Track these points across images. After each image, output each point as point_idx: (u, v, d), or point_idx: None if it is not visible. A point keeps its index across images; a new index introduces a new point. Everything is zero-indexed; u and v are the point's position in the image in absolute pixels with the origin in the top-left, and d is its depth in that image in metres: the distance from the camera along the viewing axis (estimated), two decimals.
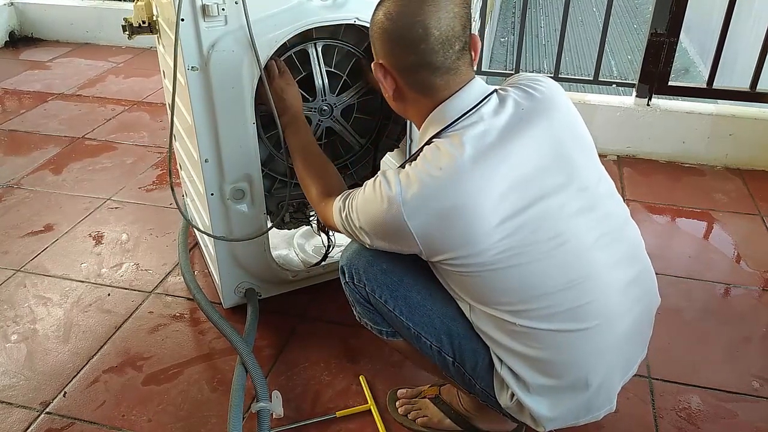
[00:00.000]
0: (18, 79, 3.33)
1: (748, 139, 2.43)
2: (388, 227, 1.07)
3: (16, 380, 1.53)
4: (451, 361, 1.18)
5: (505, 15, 7.49)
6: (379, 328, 1.26)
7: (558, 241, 1.04)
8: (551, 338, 1.07)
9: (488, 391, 1.17)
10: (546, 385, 1.10)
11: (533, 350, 1.08)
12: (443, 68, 1.06)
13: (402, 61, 1.07)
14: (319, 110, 1.55)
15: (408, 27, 1.04)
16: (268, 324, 1.68)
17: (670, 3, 2.27)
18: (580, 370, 1.09)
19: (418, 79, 1.08)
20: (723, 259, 1.98)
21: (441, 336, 1.16)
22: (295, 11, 1.40)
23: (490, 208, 1.02)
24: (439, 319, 1.16)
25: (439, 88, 1.08)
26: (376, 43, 1.11)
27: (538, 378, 1.10)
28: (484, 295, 1.09)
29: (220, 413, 1.43)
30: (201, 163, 1.46)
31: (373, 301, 1.20)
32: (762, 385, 1.51)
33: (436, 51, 1.04)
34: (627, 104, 2.49)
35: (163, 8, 1.49)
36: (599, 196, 1.11)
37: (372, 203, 1.09)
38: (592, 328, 1.07)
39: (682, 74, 5.83)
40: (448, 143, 1.05)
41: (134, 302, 1.78)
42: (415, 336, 1.18)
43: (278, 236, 1.92)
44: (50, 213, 2.19)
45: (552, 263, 1.04)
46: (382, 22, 1.08)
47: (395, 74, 1.10)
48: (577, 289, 1.05)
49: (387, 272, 1.18)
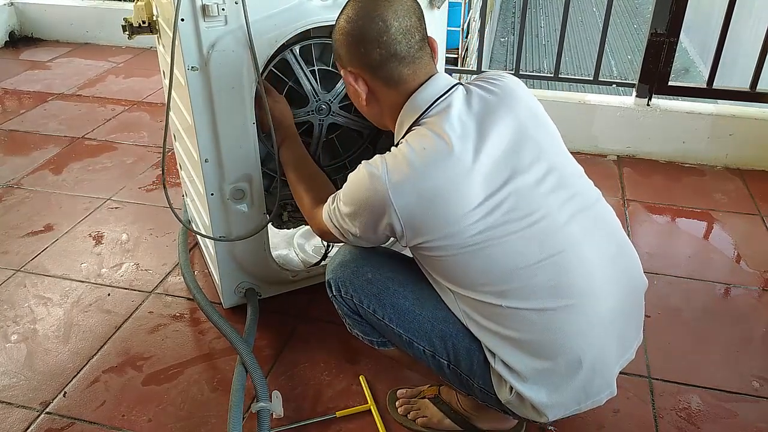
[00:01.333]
0: (18, 79, 3.33)
1: (748, 139, 2.43)
2: (372, 205, 1.08)
3: (16, 380, 1.53)
4: (446, 364, 1.18)
5: (505, 15, 7.49)
6: (370, 338, 1.27)
7: (533, 218, 1.07)
8: (536, 318, 1.07)
9: (486, 388, 1.16)
10: (540, 369, 1.10)
11: (521, 333, 1.09)
12: (408, 57, 1.12)
13: (369, 59, 1.12)
14: (317, 110, 1.55)
15: (368, 22, 1.11)
16: (268, 324, 1.68)
17: (670, 3, 2.27)
18: (571, 349, 1.09)
19: (386, 73, 1.13)
20: (723, 259, 1.98)
21: (433, 339, 1.17)
22: (295, 11, 1.40)
23: (471, 189, 1.06)
24: (429, 323, 1.17)
25: (407, 79, 1.14)
26: (341, 50, 1.16)
27: (530, 362, 1.09)
28: (465, 277, 1.10)
29: (220, 413, 1.43)
30: (201, 163, 1.46)
31: (362, 312, 1.21)
32: (762, 385, 1.51)
33: (398, 41, 1.11)
34: (627, 104, 2.49)
35: (163, 8, 1.49)
36: (569, 175, 1.15)
37: (356, 184, 1.12)
38: (575, 305, 1.08)
39: (682, 74, 5.83)
40: (428, 129, 1.10)
41: (134, 302, 1.78)
42: (408, 342, 1.19)
43: (278, 236, 1.92)
44: (50, 213, 2.19)
45: (527, 240, 1.07)
46: (344, 26, 1.15)
47: (365, 75, 1.15)
48: (555, 264, 1.07)
49: (372, 282, 1.19)
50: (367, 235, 1.14)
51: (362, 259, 1.22)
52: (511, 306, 1.08)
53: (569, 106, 2.51)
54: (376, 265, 1.21)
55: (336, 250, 1.27)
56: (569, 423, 1.40)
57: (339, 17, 1.17)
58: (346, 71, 1.17)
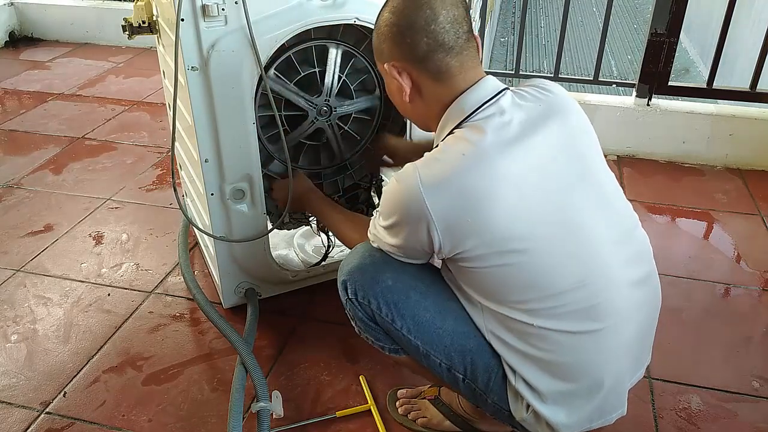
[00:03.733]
0: (18, 79, 3.33)
1: (748, 139, 2.43)
2: (407, 212, 1.05)
3: (16, 380, 1.53)
4: (462, 378, 1.15)
5: (505, 15, 7.49)
6: (381, 344, 1.22)
7: (576, 237, 1.05)
8: (565, 340, 1.06)
9: (501, 405, 1.14)
10: (562, 390, 1.08)
11: (548, 354, 1.07)
12: (456, 48, 1.07)
13: (416, 49, 1.08)
14: (319, 110, 1.55)
15: (416, 11, 1.07)
16: (268, 324, 1.68)
17: (670, 3, 2.27)
18: (595, 372, 1.08)
19: (434, 64, 1.08)
20: (723, 259, 1.98)
21: (452, 354, 1.13)
22: (295, 11, 1.40)
23: (511, 195, 1.01)
24: (449, 337, 1.13)
25: (454, 72, 1.08)
26: (385, 44, 1.12)
27: (553, 384, 1.08)
28: (499, 292, 1.06)
29: (220, 413, 1.43)
30: (201, 163, 1.46)
31: (379, 319, 1.16)
32: (762, 385, 1.52)
33: (447, 30, 1.06)
34: (627, 104, 2.49)
35: (163, 8, 1.49)
36: (612, 196, 1.12)
37: (391, 194, 1.08)
38: (603, 329, 1.06)
39: (682, 74, 5.83)
40: (468, 132, 1.06)
41: (134, 302, 1.78)
42: (424, 354, 1.15)
43: (278, 236, 1.92)
44: (50, 213, 2.19)
45: (569, 259, 1.04)
46: (388, 17, 1.10)
47: (410, 67, 1.10)
48: (590, 287, 1.05)
49: (393, 290, 1.13)
50: (411, 247, 1.09)
51: (383, 264, 1.15)
52: (542, 326, 1.05)
53: None
54: (396, 272, 1.15)
55: (351, 251, 1.22)
56: None
57: (382, 11, 1.12)
58: (389, 65, 1.11)
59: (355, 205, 1.79)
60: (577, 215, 1.06)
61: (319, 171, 1.67)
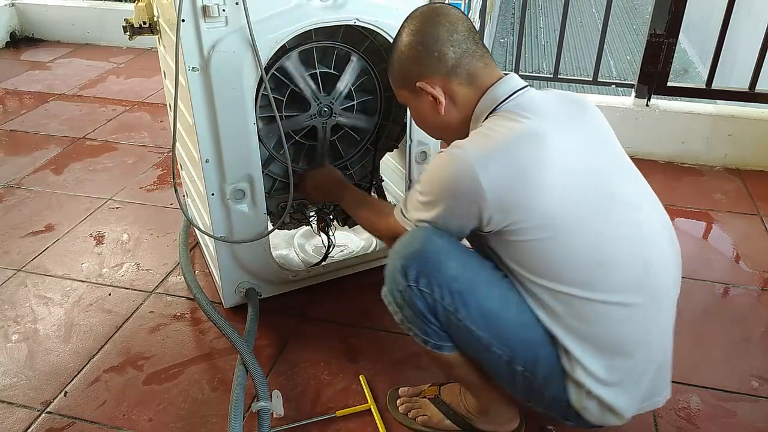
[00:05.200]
0: (19, 80, 3.34)
1: (748, 140, 2.44)
2: (456, 188, 1.06)
3: (17, 380, 1.54)
4: (521, 371, 1.13)
5: (504, 15, 7.49)
6: (426, 338, 1.17)
7: (629, 208, 1.10)
8: (620, 312, 1.08)
9: (560, 397, 1.13)
10: (620, 367, 1.10)
11: (604, 328, 1.08)
12: (479, 51, 1.16)
13: (445, 59, 1.14)
14: (320, 113, 1.56)
15: (436, 27, 1.14)
16: (268, 324, 1.69)
17: (670, 3, 2.27)
18: (648, 345, 1.12)
19: (464, 69, 1.15)
20: (722, 259, 1.99)
21: (514, 345, 1.11)
22: (296, 12, 1.40)
23: (560, 168, 1.06)
24: (513, 328, 1.11)
25: (482, 73, 1.16)
26: (413, 65, 1.17)
27: (611, 363, 1.09)
28: (553, 266, 1.06)
29: (221, 413, 1.44)
30: (201, 163, 1.47)
31: (440, 309, 1.11)
32: (761, 385, 1.52)
33: (467, 38, 1.15)
34: (626, 105, 2.49)
35: (164, 9, 1.49)
36: (647, 186, 1.20)
37: (437, 169, 1.10)
38: (654, 302, 1.10)
39: (681, 74, 5.83)
40: (508, 114, 1.11)
41: (135, 302, 1.78)
42: (486, 347, 1.12)
43: (278, 236, 1.92)
44: (51, 213, 2.20)
45: (617, 231, 1.08)
46: (410, 40, 1.17)
47: (442, 79, 1.16)
48: (641, 260, 1.09)
49: (458, 279, 1.10)
50: (446, 223, 1.10)
51: (446, 252, 1.11)
52: (597, 299, 1.06)
53: None
54: (460, 261, 1.11)
55: (406, 235, 1.15)
56: None
57: (399, 38, 1.19)
58: (422, 84, 1.16)
59: None
60: (624, 194, 1.11)
61: None
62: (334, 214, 1.78)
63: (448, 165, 1.08)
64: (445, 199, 1.09)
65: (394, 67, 1.22)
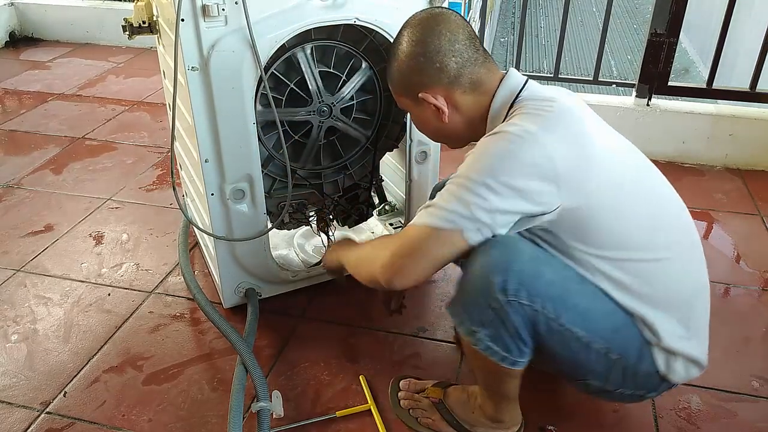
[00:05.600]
0: (18, 79, 3.34)
1: (748, 139, 2.43)
2: (526, 163, 1.01)
3: (16, 380, 1.54)
4: (617, 358, 1.13)
5: (504, 15, 7.49)
6: (506, 355, 1.12)
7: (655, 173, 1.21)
8: (677, 267, 1.16)
9: (650, 369, 1.16)
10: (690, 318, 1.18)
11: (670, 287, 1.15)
12: (480, 58, 1.16)
13: (447, 70, 1.14)
14: (319, 112, 1.55)
15: (436, 37, 1.13)
16: (268, 324, 1.69)
17: (670, 3, 2.27)
18: (703, 294, 1.22)
19: (466, 78, 1.15)
20: (723, 259, 1.98)
21: (608, 335, 1.12)
22: (295, 11, 1.40)
23: (603, 138, 1.11)
24: (603, 318, 1.12)
25: (485, 79, 1.16)
26: (414, 76, 1.16)
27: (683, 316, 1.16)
28: (619, 232, 1.10)
29: (221, 413, 1.43)
30: (201, 163, 1.47)
31: (541, 319, 1.07)
32: (762, 385, 1.52)
33: (468, 46, 1.14)
34: (627, 104, 2.49)
35: (163, 8, 1.49)
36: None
37: (497, 150, 1.03)
38: (696, 251, 1.21)
39: (682, 74, 5.83)
40: (533, 101, 1.11)
41: (134, 302, 1.78)
42: (585, 345, 1.11)
43: (278, 236, 1.92)
44: (50, 213, 2.19)
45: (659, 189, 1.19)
46: (410, 50, 1.15)
47: (444, 89, 1.16)
48: (678, 212, 1.20)
49: (554, 283, 1.08)
50: (501, 210, 1.02)
51: (536, 258, 1.08)
52: (659, 257, 1.13)
53: None
54: (549, 263, 1.08)
55: (488, 249, 1.06)
56: (569, 423, 1.40)
57: (399, 47, 1.17)
58: (423, 94, 1.16)
59: (355, 205, 1.79)
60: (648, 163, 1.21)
61: (319, 171, 1.67)
62: (334, 214, 1.78)
63: (509, 145, 1.02)
64: (514, 179, 1.01)
65: (394, 76, 1.21)
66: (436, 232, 1.06)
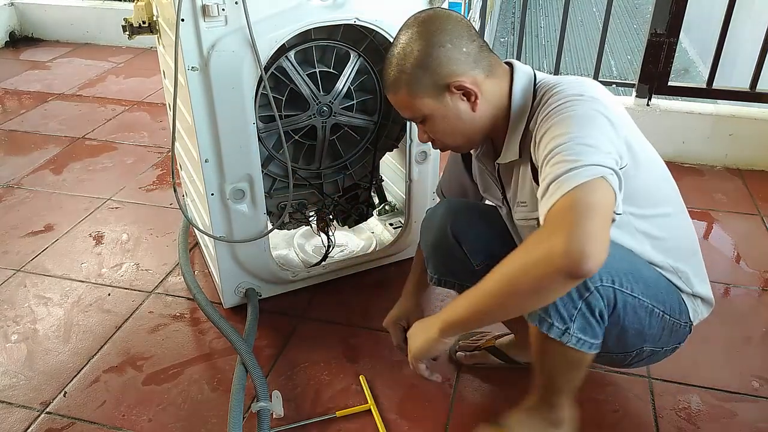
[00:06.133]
0: (18, 79, 3.33)
1: (748, 139, 2.43)
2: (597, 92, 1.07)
3: (16, 380, 1.54)
4: (669, 319, 1.20)
5: (505, 15, 7.48)
6: (593, 341, 1.11)
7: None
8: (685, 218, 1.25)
9: (686, 321, 1.23)
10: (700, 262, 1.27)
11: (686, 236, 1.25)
12: (485, 45, 1.16)
13: (472, 54, 1.12)
14: (319, 112, 1.55)
15: (451, 25, 1.11)
16: (268, 324, 1.69)
17: (670, 3, 2.27)
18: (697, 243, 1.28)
19: (486, 62, 1.14)
20: (723, 259, 1.98)
21: (663, 298, 1.17)
22: (295, 11, 1.40)
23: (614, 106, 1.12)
24: (656, 281, 1.17)
25: (496, 64, 1.16)
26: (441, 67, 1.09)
27: (696, 261, 1.25)
28: (654, 190, 1.18)
29: (221, 413, 1.43)
30: (201, 163, 1.47)
31: (620, 297, 1.09)
32: (762, 385, 1.52)
33: (476, 36, 1.14)
34: (627, 104, 2.49)
35: (163, 8, 1.49)
36: None
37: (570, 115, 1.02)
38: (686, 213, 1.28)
39: (682, 74, 5.83)
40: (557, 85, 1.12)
41: (134, 302, 1.78)
42: (650, 312, 1.15)
43: (278, 236, 1.92)
44: (50, 213, 2.19)
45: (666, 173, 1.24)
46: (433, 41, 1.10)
47: (472, 76, 1.11)
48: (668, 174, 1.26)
49: (622, 258, 1.12)
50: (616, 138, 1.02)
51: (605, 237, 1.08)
52: (677, 210, 1.23)
53: None
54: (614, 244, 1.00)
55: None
56: None
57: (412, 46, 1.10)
58: (455, 83, 1.09)
59: (355, 205, 1.79)
60: None
61: (319, 171, 1.67)
62: (334, 214, 1.78)
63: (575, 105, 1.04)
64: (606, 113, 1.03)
65: (413, 77, 1.11)
66: (587, 186, 0.91)
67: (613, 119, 1.04)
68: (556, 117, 1.04)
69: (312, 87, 1.51)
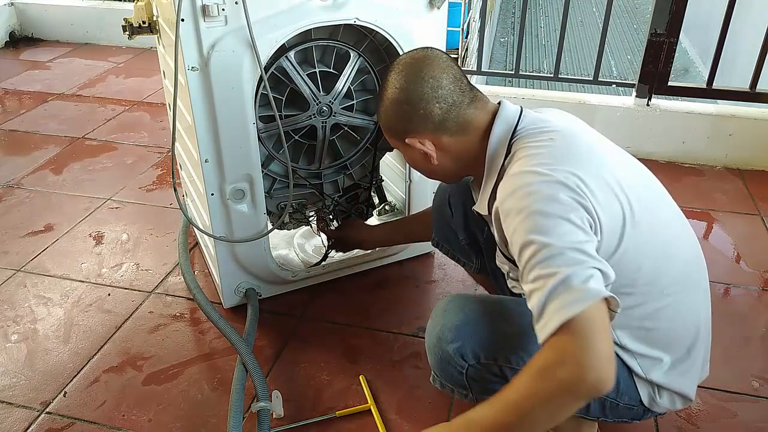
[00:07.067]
0: (18, 79, 3.33)
1: (748, 139, 2.43)
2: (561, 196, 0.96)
3: (16, 380, 1.54)
4: None
5: (505, 15, 7.49)
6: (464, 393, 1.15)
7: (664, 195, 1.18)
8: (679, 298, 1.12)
9: (632, 403, 1.14)
10: (685, 354, 1.13)
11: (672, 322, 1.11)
12: (466, 99, 1.12)
13: (431, 117, 1.11)
14: (319, 112, 1.55)
15: (420, 83, 1.10)
16: (268, 324, 1.69)
17: (670, 3, 2.27)
18: (703, 329, 1.18)
19: (452, 123, 1.12)
20: (723, 259, 1.98)
21: None
22: (295, 11, 1.40)
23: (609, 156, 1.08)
24: None
25: (474, 118, 1.12)
26: (400, 123, 1.14)
27: (675, 351, 1.12)
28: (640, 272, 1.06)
29: (220, 413, 1.43)
30: (201, 163, 1.47)
31: (508, 371, 1.08)
32: (762, 385, 1.52)
33: (453, 90, 1.11)
34: (627, 104, 2.49)
35: (163, 8, 1.49)
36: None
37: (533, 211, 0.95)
38: (695, 283, 1.18)
39: (682, 74, 5.83)
40: (535, 132, 1.07)
41: (134, 302, 1.78)
42: None
43: (278, 236, 1.92)
44: (50, 213, 2.19)
45: (665, 231, 1.12)
46: (396, 97, 1.13)
47: (431, 135, 1.13)
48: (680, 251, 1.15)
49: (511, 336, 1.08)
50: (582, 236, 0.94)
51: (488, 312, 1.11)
52: (670, 293, 1.09)
53: (569, 107, 2.51)
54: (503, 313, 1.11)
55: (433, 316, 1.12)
56: None
57: (384, 93, 1.15)
58: (410, 139, 1.13)
59: (355, 205, 1.79)
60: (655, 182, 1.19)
61: (319, 171, 1.67)
62: (334, 214, 1.78)
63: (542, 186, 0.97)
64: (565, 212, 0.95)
65: (382, 119, 1.19)
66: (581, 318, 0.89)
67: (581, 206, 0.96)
68: (519, 216, 0.97)
69: (312, 87, 1.51)
